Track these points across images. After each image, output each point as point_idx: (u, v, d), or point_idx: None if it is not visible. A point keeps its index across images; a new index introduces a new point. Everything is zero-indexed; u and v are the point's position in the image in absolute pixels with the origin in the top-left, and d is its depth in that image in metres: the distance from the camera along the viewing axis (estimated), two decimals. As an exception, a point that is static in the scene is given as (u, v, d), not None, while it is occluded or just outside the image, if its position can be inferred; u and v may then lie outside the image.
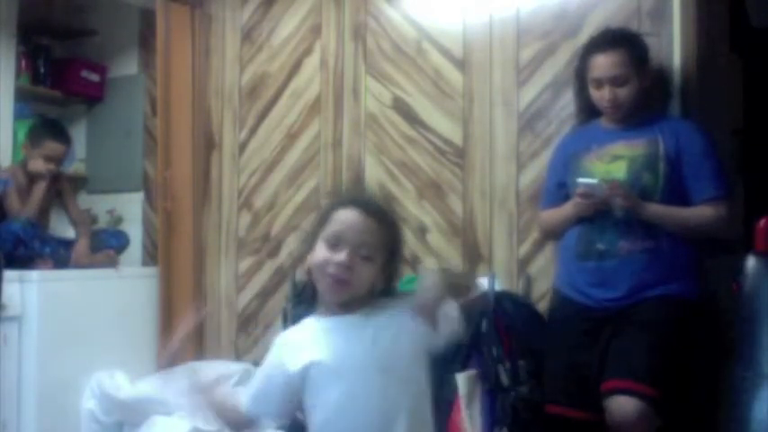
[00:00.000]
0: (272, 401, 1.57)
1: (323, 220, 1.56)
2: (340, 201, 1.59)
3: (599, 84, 2.39)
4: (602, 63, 2.36)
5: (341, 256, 1.49)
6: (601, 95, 2.39)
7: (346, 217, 1.53)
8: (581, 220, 2.38)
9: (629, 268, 2.29)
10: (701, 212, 2.30)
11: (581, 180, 2.34)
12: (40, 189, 3.39)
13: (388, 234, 1.56)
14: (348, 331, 1.52)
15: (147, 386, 3.17)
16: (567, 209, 2.43)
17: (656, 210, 2.28)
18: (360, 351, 1.50)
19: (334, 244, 1.51)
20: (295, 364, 1.52)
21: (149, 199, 3.90)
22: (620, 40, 2.39)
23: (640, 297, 2.28)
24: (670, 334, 2.22)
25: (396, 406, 1.48)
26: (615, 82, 2.36)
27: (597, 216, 2.34)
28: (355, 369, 1.49)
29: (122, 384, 3.23)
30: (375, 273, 1.53)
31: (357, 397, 1.47)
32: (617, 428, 2.15)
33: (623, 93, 2.37)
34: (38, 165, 3.38)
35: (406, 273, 2.94)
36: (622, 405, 2.13)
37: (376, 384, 1.48)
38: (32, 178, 3.42)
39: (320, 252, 1.52)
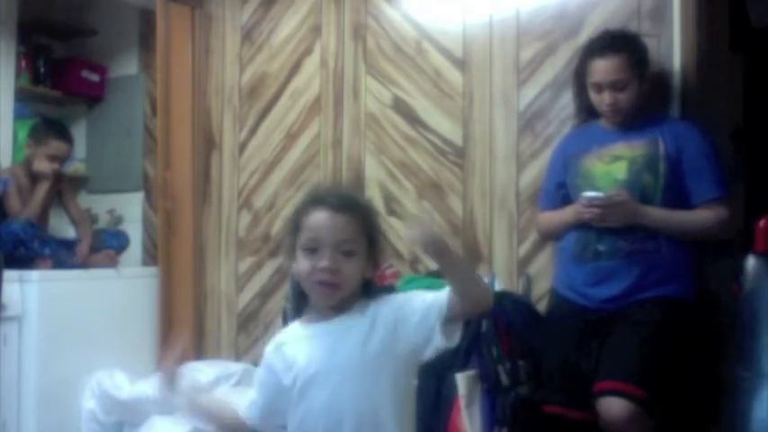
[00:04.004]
0: (271, 411, 1.56)
1: (295, 228, 1.52)
2: (305, 204, 1.54)
3: (599, 88, 2.38)
4: (602, 68, 2.35)
5: (323, 261, 1.45)
6: (601, 100, 2.38)
7: (316, 220, 1.49)
8: (580, 222, 2.38)
9: (628, 268, 2.28)
10: (701, 215, 2.29)
11: (587, 194, 2.31)
12: (42, 189, 3.39)
13: (362, 221, 1.51)
14: (336, 336, 1.50)
15: (147, 386, 3.17)
16: (569, 214, 2.41)
17: (655, 215, 2.28)
18: (346, 355, 1.47)
19: (313, 249, 1.47)
20: (288, 376, 1.51)
21: (149, 199, 3.91)
22: (620, 43, 2.37)
23: (637, 297, 2.27)
24: (664, 335, 2.21)
25: (379, 407, 1.46)
26: (615, 86, 2.34)
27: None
28: (342, 373, 1.47)
29: (122, 384, 3.23)
30: (361, 265, 1.50)
31: (341, 400, 1.46)
32: (608, 429, 2.15)
33: (623, 97, 2.35)
34: (43, 165, 3.39)
35: (406, 273, 3.00)
36: (612, 406, 2.12)
37: (361, 387, 1.46)
38: (34, 178, 3.42)
39: (302, 262, 1.49)
